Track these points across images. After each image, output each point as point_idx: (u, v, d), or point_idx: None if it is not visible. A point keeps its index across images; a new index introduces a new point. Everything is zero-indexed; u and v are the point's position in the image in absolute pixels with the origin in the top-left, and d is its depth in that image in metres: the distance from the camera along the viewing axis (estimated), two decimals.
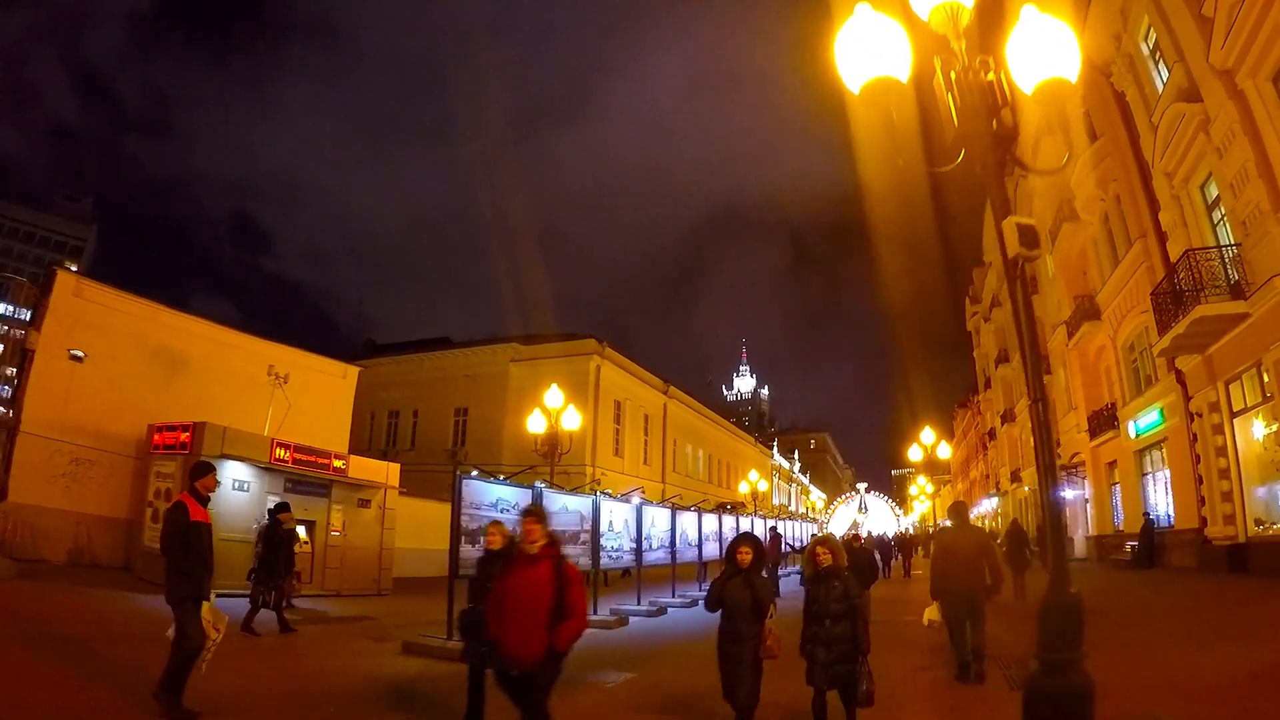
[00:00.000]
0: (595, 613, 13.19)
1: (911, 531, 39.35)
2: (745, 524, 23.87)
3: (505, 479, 12.49)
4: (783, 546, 20.60)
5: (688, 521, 18.09)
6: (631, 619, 13.78)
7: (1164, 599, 13.65)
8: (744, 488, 36.38)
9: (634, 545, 15.05)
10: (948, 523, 33.49)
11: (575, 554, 12.96)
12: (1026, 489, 36.95)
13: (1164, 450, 19.34)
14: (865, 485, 50.40)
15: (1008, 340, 42.04)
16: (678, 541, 17.23)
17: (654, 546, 16.05)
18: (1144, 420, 20.10)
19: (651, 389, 40.00)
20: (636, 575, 15.44)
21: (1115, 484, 23.52)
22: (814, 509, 57.78)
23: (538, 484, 12.43)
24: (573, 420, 17.35)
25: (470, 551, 10.26)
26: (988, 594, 6.99)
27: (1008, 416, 41.77)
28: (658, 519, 16.39)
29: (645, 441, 39.15)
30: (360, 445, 35.18)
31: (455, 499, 10.16)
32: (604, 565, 13.86)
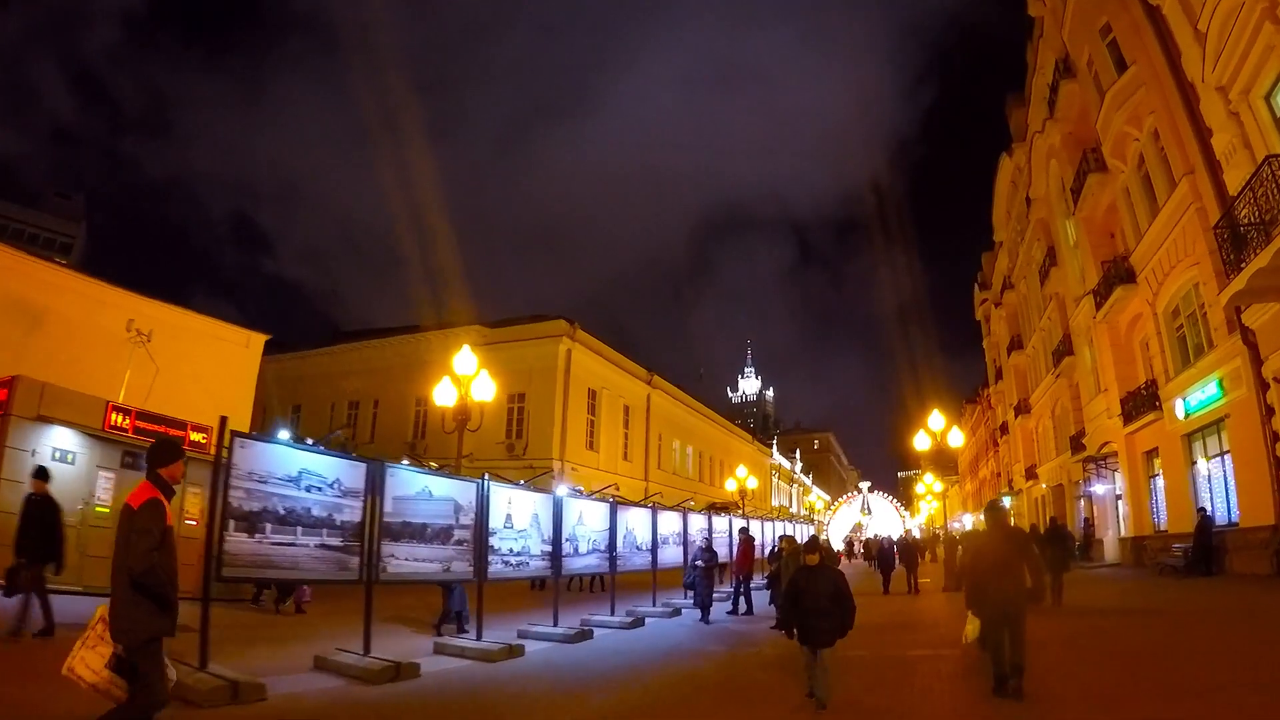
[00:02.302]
0: (480, 639, 9.89)
1: (917, 534, 35.69)
2: (721, 525, 20.47)
3: (316, 442, 9.16)
4: (756, 552, 17.03)
5: (636, 520, 14.69)
6: (538, 645, 10.45)
7: (1249, 617, 10.16)
8: (731, 485, 32.91)
9: (548, 548, 11.64)
10: (957, 525, 29.47)
11: (446, 557, 9.62)
12: (1044, 486, 33.34)
13: (1223, 431, 15.82)
14: (869, 485, 46.71)
15: (1021, 325, 38.51)
16: (620, 544, 13.82)
17: (582, 550, 12.64)
18: (1196, 396, 16.60)
19: (633, 378, 36.63)
20: (554, 587, 12.08)
21: (1155, 476, 19.97)
22: (813, 509, 54.17)
23: (386, 462, 9.07)
24: (486, 390, 14.08)
25: (244, 544, 6.99)
26: (1030, 600, 6.25)
27: (1022, 408, 38.17)
28: (588, 515, 12.99)
29: (626, 435, 35.75)
30: (319, 438, 32.51)
31: (219, 468, 6.85)
32: (497, 573, 10.46)
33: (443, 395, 14.38)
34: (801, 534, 25.28)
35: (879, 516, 41.97)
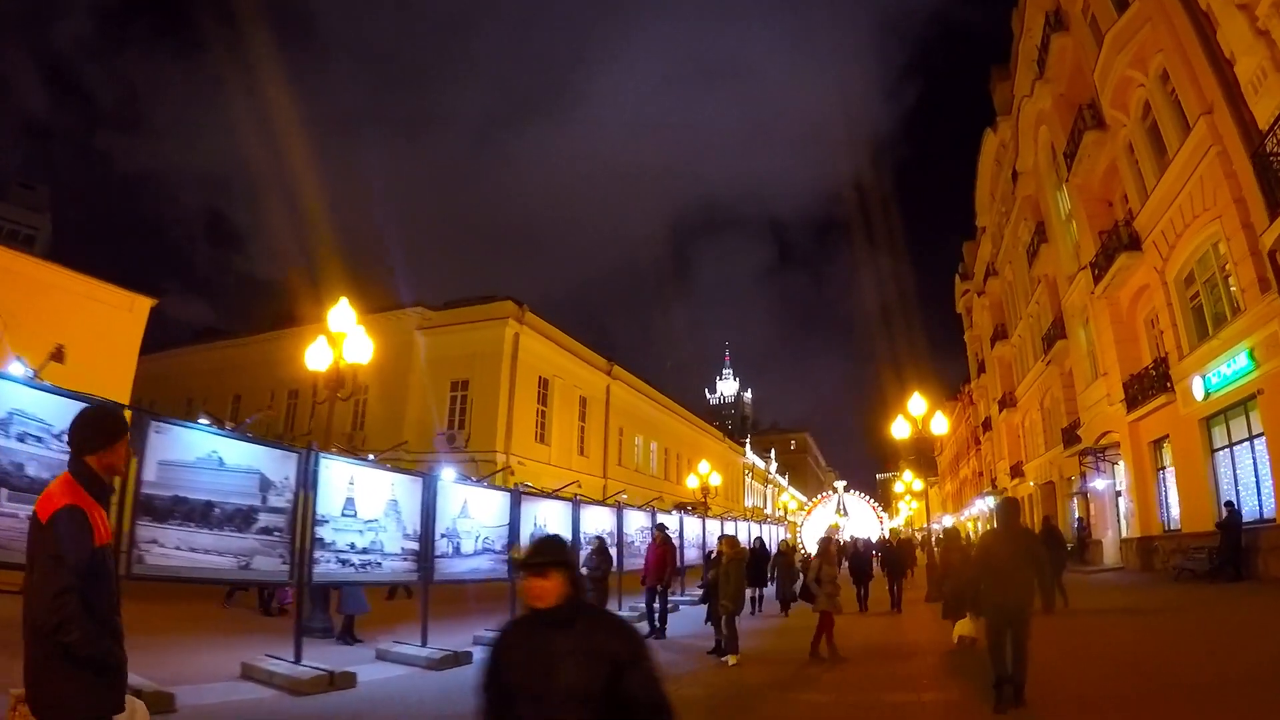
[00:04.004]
0: (299, 661, 7.17)
1: (900, 536, 33.12)
2: (677, 525, 17.83)
3: (36, 372, 6.53)
4: (678, 559, 13.89)
5: (551, 515, 11.96)
6: (390, 671, 7.76)
7: None
8: (693, 481, 30.30)
9: (414, 546, 8.93)
10: (937, 525, 26.58)
11: (245, 550, 6.91)
12: (1031, 484, 31.04)
13: (1253, 410, 13.41)
14: (845, 484, 44.12)
15: (1006, 313, 36.30)
16: (525, 544, 11.11)
17: (467, 549, 9.93)
18: (1219, 371, 14.18)
19: (590, 367, 33.91)
20: (422, 596, 9.37)
21: (1165, 468, 17.58)
22: (785, 509, 51.73)
23: (149, 411, 6.30)
24: (362, 351, 11.47)
25: None
26: (1041, 605, 6.35)
27: (1006, 402, 35.95)
28: (477, 505, 10.24)
29: (582, 429, 33.01)
30: (256, 430, 30.18)
31: None
32: (330, 574, 7.81)
33: (315, 358, 11.89)
34: (747, 535, 22.48)
35: (856, 517, 39.55)
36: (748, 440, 63.10)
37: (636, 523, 15.00)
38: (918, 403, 17.70)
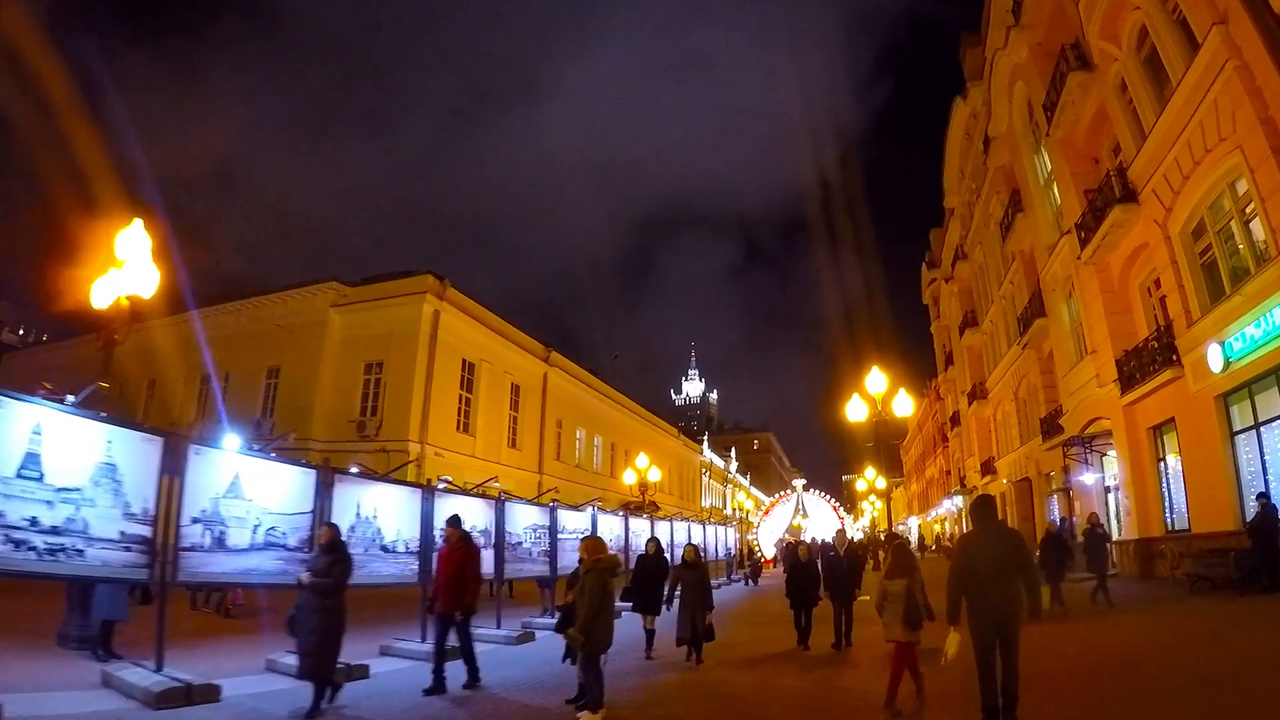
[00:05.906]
0: None
1: (848, 541, 30.53)
2: (613, 524, 14.90)
3: None
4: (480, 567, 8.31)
5: (385, 504, 8.78)
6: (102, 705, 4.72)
7: None
8: (630, 477, 27.33)
9: (145, 531, 5.94)
10: (901, 528, 23.43)
11: None
12: (1005, 481, 28.58)
13: None
14: (804, 482, 41.45)
15: (976, 299, 33.97)
16: (372, 539, 8.02)
17: (238, 542, 6.79)
18: (1243, 334, 11.58)
19: (525, 353, 30.74)
20: (159, 601, 6.30)
21: (1166, 458, 15.03)
22: (743, 509, 49.09)
23: None
24: (147, 280, 8.32)
25: None
26: (1030, 614, 5.14)
27: (976, 393, 33.61)
28: (257, 484, 7.01)
29: (514, 419, 29.80)
30: (169, 417, 26.89)
31: None
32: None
33: (102, 292, 8.81)
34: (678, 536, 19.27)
35: (816, 519, 36.85)
36: (705, 438, 60.27)
37: (528, 520, 11.92)
38: (877, 380, 14.92)
